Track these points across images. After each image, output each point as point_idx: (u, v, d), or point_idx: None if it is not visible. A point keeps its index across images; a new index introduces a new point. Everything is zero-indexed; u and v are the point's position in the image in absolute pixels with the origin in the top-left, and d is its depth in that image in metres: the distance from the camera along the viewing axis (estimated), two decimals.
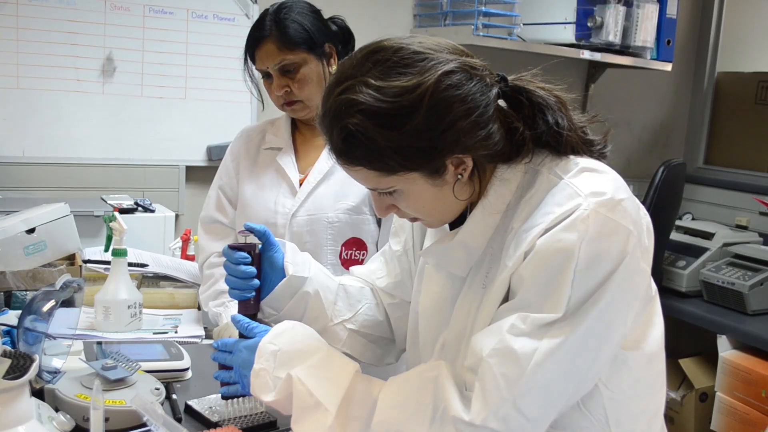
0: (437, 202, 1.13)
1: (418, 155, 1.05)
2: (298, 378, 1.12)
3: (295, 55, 1.80)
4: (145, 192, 3.00)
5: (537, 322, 1.02)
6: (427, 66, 1.04)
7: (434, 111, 1.03)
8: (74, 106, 2.97)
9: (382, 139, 1.03)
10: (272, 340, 1.17)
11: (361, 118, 1.03)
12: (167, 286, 2.00)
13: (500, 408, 1.02)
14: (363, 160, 1.07)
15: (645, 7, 3.31)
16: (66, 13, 2.92)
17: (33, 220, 1.85)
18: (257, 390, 1.16)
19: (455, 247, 1.17)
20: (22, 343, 1.29)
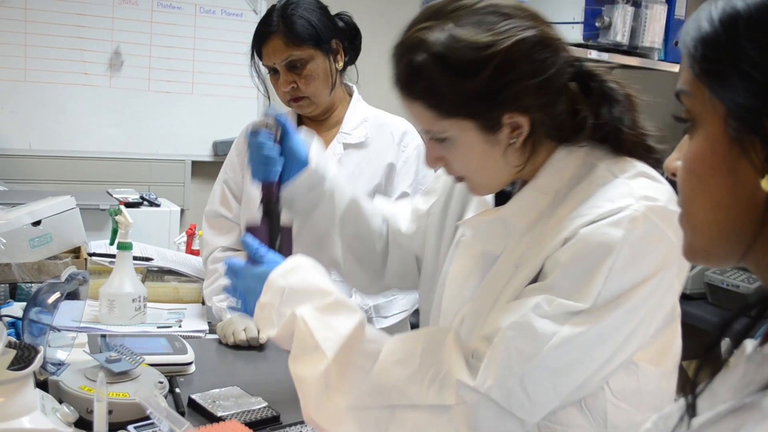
0: (485, 162, 1.11)
1: (476, 104, 1.05)
2: (302, 317, 1.09)
3: (301, 51, 1.80)
4: (150, 186, 3.01)
5: (562, 308, 1.01)
6: (505, 28, 1.05)
7: (500, 70, 1.03)
8: (81, 99, 2.98)
9: (443, 82, 1.05)
10: (283, 275, 1.14)
11: (429, 57, 1.05)
12: (172, 280, 2.00)
13: (507, 381, 1.01)
14: (422, 97, 1.08)
15: (653, 7, 3.30)
16: (74, 7, 2.92)
17: (39, 212, 1.86)
18: (260, 323, 1.15)
19: (496, 222, 1.16)
20: (27, 335, 1.30)
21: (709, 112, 0.65)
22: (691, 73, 0.67)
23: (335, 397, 1.07)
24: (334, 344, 1.07)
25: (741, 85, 0.62)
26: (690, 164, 0.67)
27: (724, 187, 0.64)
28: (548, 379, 1.03)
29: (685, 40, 0.67)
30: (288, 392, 1.48)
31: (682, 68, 0.68)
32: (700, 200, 0.66)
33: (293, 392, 1.49)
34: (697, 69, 0.65)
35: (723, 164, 0.64)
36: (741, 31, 0.62)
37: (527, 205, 1.13)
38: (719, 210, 0.65)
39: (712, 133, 0.65)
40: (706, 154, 0.65)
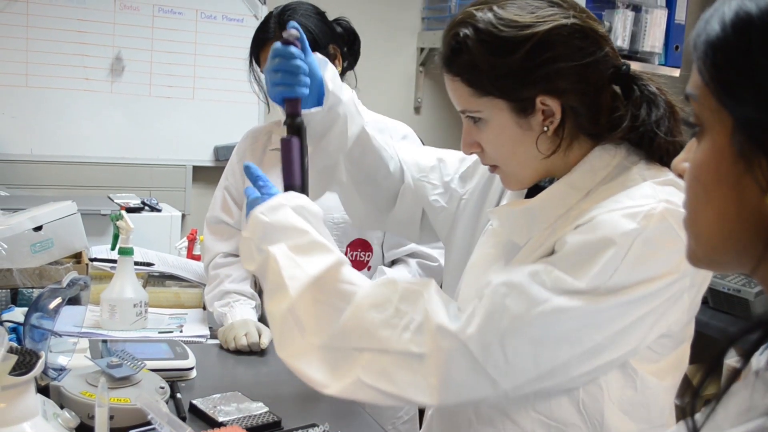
0: (517, 148, 1.13)
1: (510, 81, 1.08)
2: (274, 256, 1.09)
3: None
4: (151, 191, 3.01)
5: (560, 282, 1.01)
6: (548, 12, 1.08)
7: (536, 49, 1.06)
8: (82, 105, 2.99)
9: (481, 58, 1.08)
10: (266, 212, 1.13)
11: (472, 33, 1.09)
12: (173, 285, 2.00)
13: (488, 334, 1.00)
14: (462, 71, 1.12)
15: (653, 12, 3.31)
16: (75, 12, 2.93)
17: (40, 217, 1.86)
18: (242, 256, 1.15)
19: (523, 213, 1.16)
20: (29, 340, 1.30)
21: (717, 122, 0.63)
22: (699, 79, 0.64)
23: (306, 335, 1.06)
24: (300, 284, 1.07)
25: (751, 99, 0.59)
26: (696, 172, 0.66)
27: (728, 200, 0.62)
28: (530, 345, 1.01)
29: (695, 40, 0.64)
30: (289, 397, 1.48)
31: (692, 70, 0.65)
32: (705, 210, 0.65)
33: (294, 397, 1.49)
34: (706, 76, 0.63)
35: (728, 177, 0.62)
36: (754, 40, 0.59)
37: (556, 199, 1.14)
38: (723, 221, 0.63)
39: (719, 144, 0.62)
40: (711, 164, 0.63)
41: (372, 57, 3.46)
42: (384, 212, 1.45)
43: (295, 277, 1.07)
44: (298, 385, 1.54)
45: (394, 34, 3.46)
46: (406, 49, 3.49)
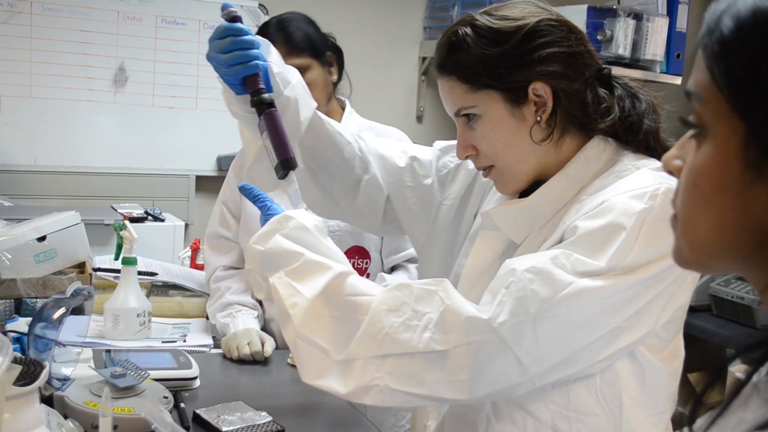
0: (513, 139, 1.16)
1: (505, 68, 1.13)
2: (274, 285, 1.12)
3: (301, 59, 1.80)
4: (155, 201, 3.01)
5: (579, 264, 1.03)
6: (536, 11, 1.17)
7: (526, 37, 1.14)
8: (86, 115, 3.00)
9: (475, 51, 1.14)
10: (258, 240, 1.16)
11: (470, 30, 1.16)
12: (176, 295, 2.00)
13: (521, 320, 1.01)
14: (457, 69, 1.16)
15: (655, 20, 3.31)
16: (79, 23, 2.94)
17: (44, 228, 1.86)
18: (254, 287, 1.19)
19: (522, 211, 1.19)
20: (33, 350, 1.30)
21: (725, 126, 0.59)
22: (708, 77, 0.60)
23: (325, 354, 1.08)
24: (300, 309, 1.09)
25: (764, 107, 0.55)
26: (695, 178, 0.62)
27: (730, 211, 0.59)
28: (558, 328, 1.03)
29: (705, 37, 0.60)
30: (292, 406, 1.48)
31: (698, 65, 0.61)
32: (703, 219, 0.61)
33: (298, 406, 1.49)
34: (719, 79, 0.58)
35: (733, 187, 0.58)
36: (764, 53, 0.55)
37: (555, 194, 1.17)
38: (722, 232, 0.60)
39: (725, 151, 0.58)
40: (714, 172, 0.60)
41: (374, 66, 3.48)
42: (341, 201, 1.44)
43: (296, 305, 1.09)
44: (301, 394, 1.54)
45: (396, 44, 3.47)
46: (408, 58, 3.50)
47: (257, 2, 3.20)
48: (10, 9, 2.85)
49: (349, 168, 1.41)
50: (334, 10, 3.28)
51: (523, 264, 1.05)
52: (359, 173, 1.42)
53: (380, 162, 1.43)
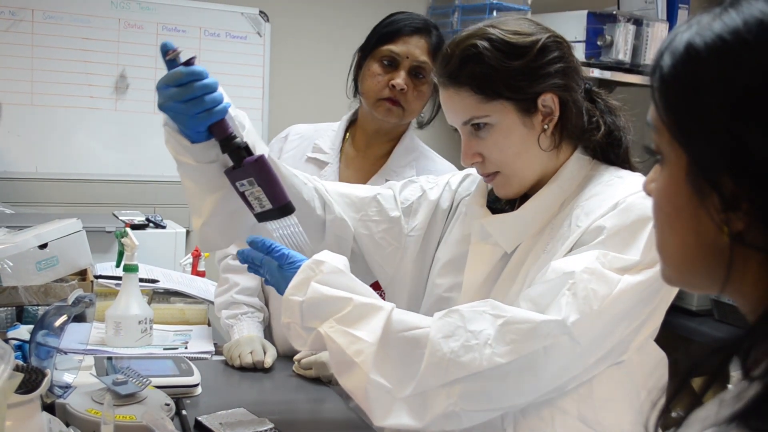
0: (522, 147, 1.22)
1: (519, 82, 1.19)
2: (328, 335, 1.12)
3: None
4: (156, 208, 3.01)
5: (616, 261, 1.10)
6: (538, 29, 1.24)
7: (539, 53, 1.20)
8: (87, 122, 3.00)
9: (495, 62, 1.19)
10: (294, 292, 1.16)
11: (485, 42, 1.20)
12: (178, 302, 2.00)
13: (587, 317, 1.07)
14: (472, 80, 1.20)
15: (655, 26, 3.32)
16: (80, 31, 2.95)
17: (45, 235, 1.87)
18: (292, 340, 1.18)
19: (515, 220, 1.25)
20: (34, 358, 1.30)
21: (673, 154, 0.64)
22: (655, 111, 0.65)
23: (392, 393, 1.09)
24: (368, 356, 1.09)
25: (702, 139, 0.60)
26: (659, 201, 0.67)
27: (688, 230, 0.64)
28: (609, 322, 1.09)
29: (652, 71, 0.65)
30: (294, 413, 1.48)
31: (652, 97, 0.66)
32: (670, 237, 0.66)
33: (300, 413, 1.49)
34: (661, 111, 0.64)
35: (686, 209, 0.63)
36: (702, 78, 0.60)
37: (545, 204, 1.24)
38: (686, 249, 0.65)
39: (676, 177, 0.64)
40: (671, 196, 0.65)
41: None
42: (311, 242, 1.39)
43: (361, 352, 1.10)
44: (303, 401, 1.54)
45: None
46: None
47: (257, 9, 3.21)
48: (12, 17, 2.86)
49: (310, 209, 1.40)
50: (335, 17, 3.29)
51: (577, 265, 1.10)
52: (321, 214, 1.42)
53: (343, 199, 1.45)
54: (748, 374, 0.57)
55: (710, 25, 0.61)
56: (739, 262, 0.60)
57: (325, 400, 1.56)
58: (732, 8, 0.61)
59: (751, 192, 0.58)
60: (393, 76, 1.75)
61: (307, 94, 3.28)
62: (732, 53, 0.59)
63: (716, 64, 0.59)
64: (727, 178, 0.59)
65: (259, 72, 3.21)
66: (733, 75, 0.58)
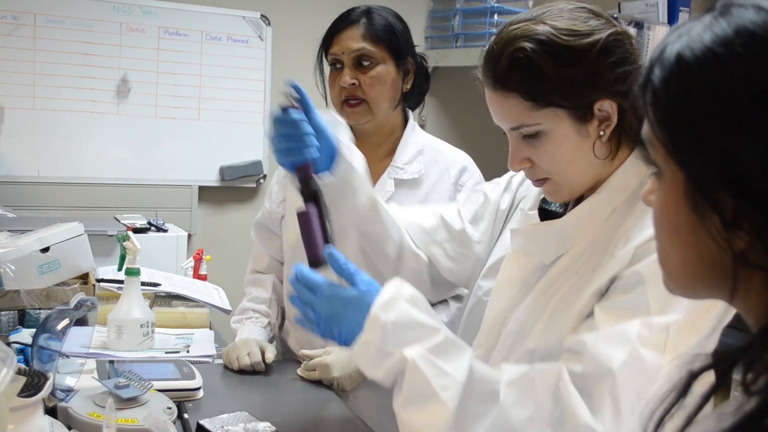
0: (575, 155, 1.12)
1: (576, 89, 1.09)
2: (414, 362, 1.04)
3: (376, 48, 1.72)
4: (158, 212, 3.02)
5: (660, 325, 1.02)
6: (597, 23, 1.11)
7: (599, 56, 1.09)
8: (89, 126, 3.01)
9: (548, 68, 1.08)
10: (384, 308, 1.07)
11: (535, 46, 1.08)
12: (179, 305, 2.00)
13: (630, 421, 1.01)
14: (521, 86, 1.10)
15: (655, 28, 3.32)
16: (82, 35, 2.96)
17: (47, 239, 1.87)
18: (362, 363, 1.09)
19: (551, 232, 1.17)
20: (36, 362, 1.30)
21: (670, 171, 0.62)
22: (648, 126, 0.63)
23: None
24: (454, 394, 1.03)
25: (699, 158, 0.58)
26: (658, 216, 0.65)
27: (690, 246, 0.62)
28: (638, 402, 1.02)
29: (640, 85, 0.63)
30: (296, 416, 1.48)
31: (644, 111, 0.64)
32: (671, 252, 0.64)
33: (300, 416, 1.49)
34: (656, 129, 0.62)
35: (686, 226, 0.61)
36: (696, 96, 0.58)
37: (586, 217, 1.15)
38: (688, 265, 0.63)
39: (674, 193, 0.61)
40: (670, 212, 0.63)
41: None
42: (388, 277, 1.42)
43: (448, 387, 1.03)
44: (305, 404, 1.54)
45: None
46: None
47: (259, 13, 3.21)
48: (14, 21, 2.86)
49: (396, 246, 1.41)
50: None
51: (615, 359, 1.01)
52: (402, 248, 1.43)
53: (411, 227, 1.44)
54: (748, 388, 0.56)
55: (701, 37, 0.59)
56: (742, 278, 0.59)
57: (327, 404, 1.56)
58: (722, 17, 0.59)
59: (752, 211, 0.56)
60: (338, 78, 1.74)
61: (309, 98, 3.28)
62: (724, 67, 0.57)
63: (709, 78, 0.57)
64: (727, 197, 0.57)
65: (260, 76, 3.21)
66: (727, 89, 0.56)
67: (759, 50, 0.56)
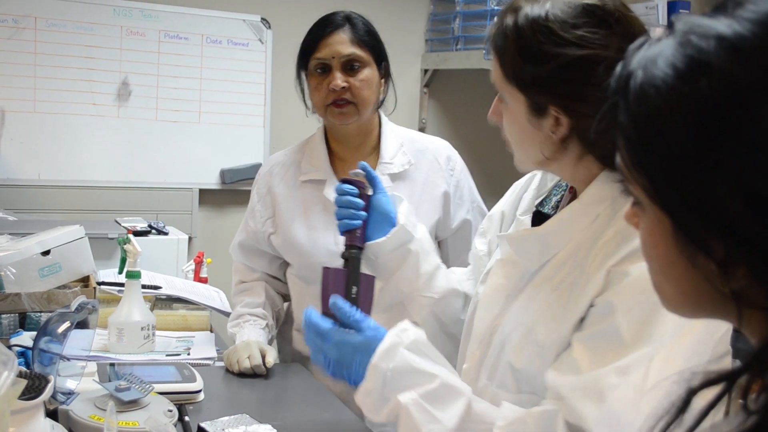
0: (525, 139, 1.14)
1: (533, 86, 1.08)
2: (407, 408, 1.07)
3: (363, 52, 1.77)
4: (158, 215, 3.02)
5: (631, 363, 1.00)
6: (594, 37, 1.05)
7: (566, 70, 1.05)
8: (90, 129, 3.01)
9: (513, 54, 1.09)
10: (384, 357, 1.10)
11: (512, 27, 1.09)
12: (180, 308, 2.00)
13: None
14: (497, 54, 1.13)
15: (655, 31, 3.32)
16: (83, 38, 2.96)
17: (48, 242, 1.87)
18: (364, 407, 1.13)
19: (534, 239, 1.17)
20: (37, 364, 1.30)
21: (652, 211, 0.58)
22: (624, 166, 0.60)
23: None
24: None
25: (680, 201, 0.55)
26: (647, 250, 0.62)
27: (685, 279, 0.59)
28: None
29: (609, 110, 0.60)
30: (297, 419, 1.48)
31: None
32: (666, 284, 0.62)
33: (302, 419, 1.49)
34: (630, 167, 0.58)
35: (679, 261, 0.58)
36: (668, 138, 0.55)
37: (567, 225, 1.14)
38: (685, 296, 0.60)
39: (662, 232, 0.58)
40: (659, 248, 0.60)
41: None
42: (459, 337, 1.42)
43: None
44: (306, 407, 1.54)
45: (398, 56, 3.47)
46: (410, 71, 3.51)
47: (259, 16, 3.22)
48: (15, 25, 2.87)
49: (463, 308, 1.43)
50: None
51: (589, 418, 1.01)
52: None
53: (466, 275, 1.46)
54: (747, 406, 0.55)
55: (664, 74, 0.55)
56: (744, 308, 0.56)
57: (328, 406, 1.56)
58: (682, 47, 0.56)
59: (745, 254, 0.53)
60: (329, 79, 1.76)
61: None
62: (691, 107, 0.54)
63: (679, 118, 0.54)
64: (717, 241, 0.54)
65: (260, 79, 3.22)
66: (701, 131, 0.53)
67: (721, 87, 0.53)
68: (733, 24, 0.54)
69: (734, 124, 0.52)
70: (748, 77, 0.52)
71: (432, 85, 3.53)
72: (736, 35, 0.53)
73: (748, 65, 0.52)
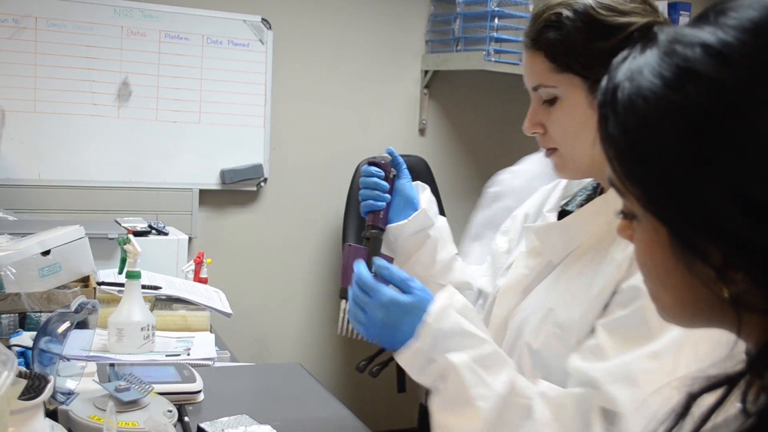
0: (583, 128, 1.14)
1: (597, 62, 1.10)
2: (458, 368, 1.07)
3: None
4: (158, 215, 3.02)
5: (661, 348, 1.02)
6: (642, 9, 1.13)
7: (630, 39, 1.09)
8: (90, 129, 3.01)
9: (576, 36, 1.12)
10: (437, 318, 1.10)
11: (571, 13, 1.13)
12: (180, 308, 2.00)
13: None
14: (547, 47, 1.15)
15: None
16: (83, 38, 2.96)
17: (48, 242, 1.87)
18: (407, 365, 1.12)
19: (559, 230, 1.20)
20: (37, 364, 1.30)
21: (649, 221, 0.59)
22: (616, 178, 0.60)
23: None
24: (489, 404, 1.06)
25: (675, 209, 0.56)
26: (643, 259, 0.62)
27: (683, 287, 0.59)
28: None
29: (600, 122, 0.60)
30: (297, 420, 1.48)
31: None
32: (664, 294, 0.62)
33: (302, 419, 1.49)
34: (625, 181, 0.59)
35: (675, 271, 0.58)
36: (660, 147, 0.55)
37: (591, 217, 1.17)
38: (684, 304, 0.61)
39: (657, 241, 0.59)
40: (656, 258, 0.60)
41: (377, 79, 3.49)
42: None
43: (485, 397, 1.06)
44: (305, 407, 1.54)
45: (399, 57, 3.48)
46: (410, 72, 3.51)
47: (260, 17, 3.22)
48: (15, 25, 2.87)
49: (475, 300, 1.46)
50: (337, 24, 3.30)
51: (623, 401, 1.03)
52: None
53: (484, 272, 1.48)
54: (746, 409, 0.55)
55: (652, 83, 0.56)
56: (743, 312, 0.56)
57: (329, 407, 1.56)
58: (668, 57, 0.56)
59: (742, 260, 0.54)
60: None
61: (310, 102, 3.29)
62: (681, 115, 0.54)
63: (669, 127, 0.54)
64: (714, 248, 0.55)
65: (261, 79, 3.22)
66: (688, 136, 0.54)
67: (710, 93, 0.54)
68: (717, 32, 0.55)
69: (725, 129, 0.53)
70: (736, 82, 0.53)
71: (432, 86, 3.53)
72: (721, 42, 0.54)
73: (736, 70, 0.53)
